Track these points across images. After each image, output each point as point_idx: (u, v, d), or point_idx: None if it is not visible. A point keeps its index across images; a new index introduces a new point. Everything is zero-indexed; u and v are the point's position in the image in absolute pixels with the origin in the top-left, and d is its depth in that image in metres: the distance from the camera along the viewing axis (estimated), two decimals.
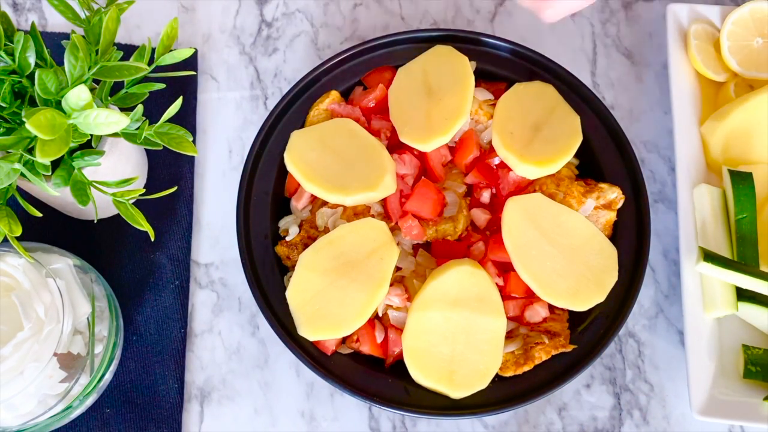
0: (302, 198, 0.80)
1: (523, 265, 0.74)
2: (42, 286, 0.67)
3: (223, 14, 0.94)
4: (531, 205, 0.77)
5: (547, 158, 0.78)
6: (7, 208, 0.65)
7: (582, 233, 0.77)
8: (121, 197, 0.67)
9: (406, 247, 0.79)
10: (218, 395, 0.80)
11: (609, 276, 0.76)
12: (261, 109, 0.91)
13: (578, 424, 0.79)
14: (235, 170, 0.88)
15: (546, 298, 0.74)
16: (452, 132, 0.79)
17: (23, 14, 0.94)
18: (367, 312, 0.73)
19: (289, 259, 0.78)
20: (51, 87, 0.63)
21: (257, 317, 0.82)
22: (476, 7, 0.96)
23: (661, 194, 0.88)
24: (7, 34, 0.67)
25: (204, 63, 0.92)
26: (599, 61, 0.94)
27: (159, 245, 0.83)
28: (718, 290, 0.77)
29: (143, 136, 0.68)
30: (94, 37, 0.69)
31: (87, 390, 0.71)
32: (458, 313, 0.73)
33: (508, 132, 0.79)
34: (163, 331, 0.80)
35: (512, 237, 0.75)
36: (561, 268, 0.75)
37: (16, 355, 0.64)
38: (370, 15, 0.95)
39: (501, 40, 0.85)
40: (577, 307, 0.74)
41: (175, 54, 0.69)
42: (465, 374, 0.72)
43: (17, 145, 0.63)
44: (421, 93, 0.82)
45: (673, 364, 0.81)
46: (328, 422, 0.79)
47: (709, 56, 0.87)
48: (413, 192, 0.78)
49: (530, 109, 0.81)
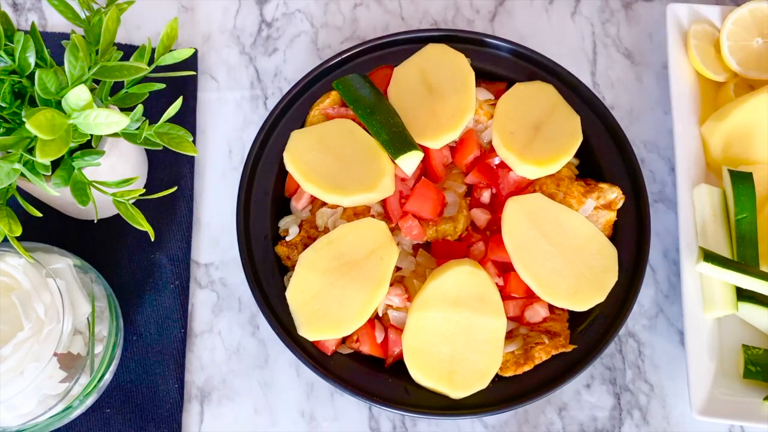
0: (302, 198, 0.80)
1: (523, 265, 0.74)
2: (42, 286, 0.67)
3: (223, 14, 0.95)
4: (531, 205, 0.77)
5: (547, 158, 0.78)
6: (7, 208, 0.65)
7: (582, 233, 0.77)
8: (121, 197, 0.67)
9: (406, 247, 0.79)
10: (218, 395, 0.80)
11: (609, 276, 0.76)
12: (261, 109, 0.91)
13: (578, 424, 0.79)
14: (235, 170, 0.88)
15: (546, 298, 0.74)
16: (461, 128, 0.79)
17: (23, 14, 0.94)
18: (367, 312, 0.73)
19: (289, 259, 0.78)
20: (51, 87, 0.63)
21: (257, 317, 0.82)
22: (476, 7, 0.96)
23: (661, 194, 0.88)
24: (7, 34, 0.67)
25: (204, 63, 0.92)
26: (599, 61, 0.94)
27: (159, 245, 0.83)
28: (718, 290, 0.77)
29: (143, 136, 0.68)
30: (94, 37, 0.69)
31: (87, 390, 0.71)
32: (458, 313, 0.73)
33: (508, 132, 0.79)
34: (163, 331, 0.80)
35: (512, 237, 0.75)
36: (561, 268, 0.75)
37: (16, 355, 0.64)
38: (370, 15, 0.95)
39: (501, 40, 0.85)
40: (577, 307, 0.75)
41: (175, 54, 0.69)
42: (465, 374, 0.72)
43: (17, 145, 0.63)
44: (422, 92, 0.82)
45: (673, 364, 0.81)
46: (328, 422, 0.79)
47: (709, 56, 0.87)
48: (413, 192, 0.78)
49: (530, 109, 0.81)
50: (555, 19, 0.96)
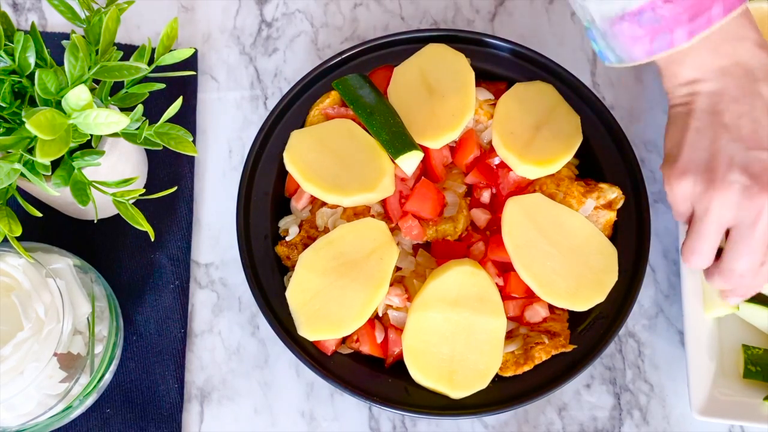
0: (302, 198, 0.80)
1: (523, 265, 0.74)
2: (42, 286, 0.67)
3: (223, 14, 0.94)
4: (531, 205, 0.77)
5: (547, 158, 0.78)
6: (7, 208, 0.65)
7: (582, 233, 0.77)
8: (121, 197, 0.67)
9: (406, 247, 0.79)
10: (218, 395, 0.80)
11: (609, 276, 0.76)
12: (261, 109, 0.91)
13: (578, 424, 0.79)
14: (235, 170, 0.88)
15: (546, 298, 0.74)
16: (461, 128, 0.79)
17: (23, 14, 0.94)
18: (367, 312, 0.73)
19: (289, 259, 0.78)
20: (51, 87, 0.63)
21: (257, 317, 0.82)
22: (476, 7, 0.96)
23: (661, 194, 0.88)
24: (7, 34, 0.67)
25: (204, 63, 0.92)
26: (599, 61, 0.94)
27: (159, 245, 0.83)
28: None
29: (143, 136, 0.68)
30: (94, 37, 0.69)
31: (87, 390, 0.71)
32: (458, 313, 0.73)
33: (508, 132, 0.79)
34: (163, 331, 0.80)
35: (512, 237, 0.75)
36: (561, 268, 0.75)
37: (16, 355, 0.64)
38: (370, 15, 0.95)
39: (501, 40, 0.85)
40: (578, 307, 0.74)
41: (175, 54, 0.69)
42: (465, 374, 0.72)
43: (17, 145, 0.63)
44: (422, 92, 0.82)
45: (673, 364, 0.81)
46: (328, 422, 0.79)
47: None
48: (413, 192, 0.78)
49: (530, 109, 0.81)
50: (555, 19, 0.96)
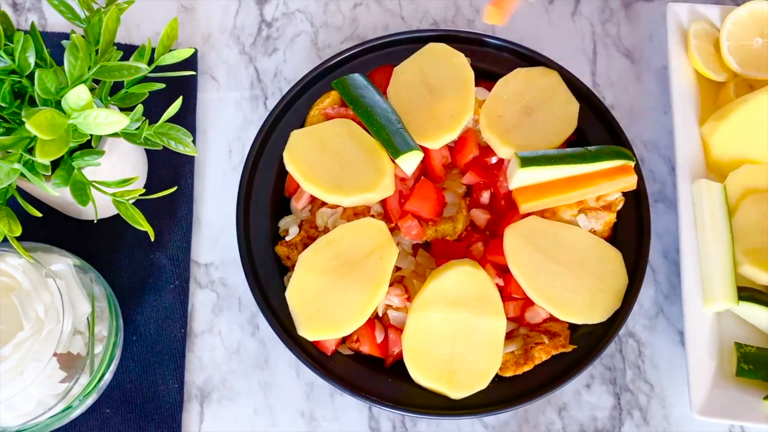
0: (302, 198, 0.80)
1: (536, 290, 0.74)
2: (42, 286, 0.67)
3: (223, 14, 0.95)
4: (528, 229, 0.76)
5: (531, 143, 0.77)
6: (7, 208, 0.65)
7: (584, 245, 0.76)
8: (121, 197, 0.67)
9: (405, 247, 0.79)
10: (218, 395, 0.80)
11: (620, 280, 0.76)
12: (261, 109, 0.91)
13: (578, 424, 0.79)
14: (235, 170, 0.88)
15: (567, 319, 0.74)
16: (460, 128, 0.79)
17: (23, 14, 0.94)
18: (367, 312, 0.73)
19: (289, 259, 0.78)
20: (51, 87, 0.63)
21: (257, 317, 0.82)
22: (476, 7, 0.96)
23: (661, 194, 0.88)
24: (7, 34, 0.67)
25: (204, 63, 0.92)
26: (599, 61, 0.94)
27: (159, 245, 0.83)
28: (718, 283, 0.77)
29: (143, 136, 0.68)
30: (94, 37, 0.69)
31: (87, 390, 0.71)
32: (458, 313, 0.73)
33: (496, 114, 0.79)
34: (163, 331, 0.80)
35: (518, 265, 0.75)
36: (573, 285, 0.74)
37: (16, 355, 0.64)
38: (370, 15, 0.95)
39: (501, 40, 0.85)
40: (598, 320, 0.74)
41: (175, 54, 0.69)
42: (465, 374, 0.72)
43: (17, 145, 0.63)
44: (422, 92, 0.82)
45: (673, 363, 0.81)
46: (328, 422, 0.79)
47: (709, 56, 0.87)
48: (413, 192, 0.78)
49: (525, 92, 0.81)
50: (555, 19, 0.96)
